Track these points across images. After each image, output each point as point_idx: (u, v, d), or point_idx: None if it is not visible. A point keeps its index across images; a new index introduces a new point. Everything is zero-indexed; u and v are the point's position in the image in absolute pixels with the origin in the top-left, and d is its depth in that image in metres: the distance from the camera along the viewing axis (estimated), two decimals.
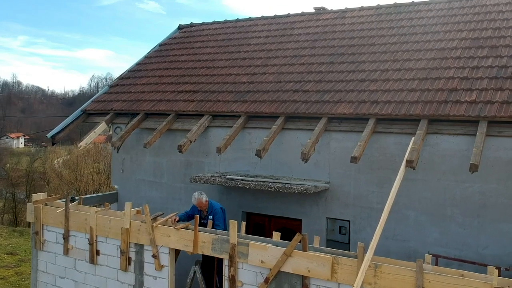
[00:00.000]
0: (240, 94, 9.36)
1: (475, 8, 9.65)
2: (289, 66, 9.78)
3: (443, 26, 9.35)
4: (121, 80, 11.61)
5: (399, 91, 7.88)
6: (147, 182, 10.10)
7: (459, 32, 8.98)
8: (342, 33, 10.35)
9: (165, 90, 10.42)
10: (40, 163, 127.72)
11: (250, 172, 8.80)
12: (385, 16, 10.46)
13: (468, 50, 8.36)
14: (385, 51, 9.16)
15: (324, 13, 11.64)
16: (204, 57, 11.37)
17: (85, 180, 26.52)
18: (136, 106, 10.16)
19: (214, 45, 11.89)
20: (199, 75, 10.58)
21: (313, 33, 10.81)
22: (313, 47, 10.23)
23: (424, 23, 9.67)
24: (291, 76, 9.40)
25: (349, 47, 9.74)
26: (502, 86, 7.21)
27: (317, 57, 9.79)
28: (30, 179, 33.14)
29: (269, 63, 10.17)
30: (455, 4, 10.03)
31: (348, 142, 7.85)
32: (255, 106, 8.83)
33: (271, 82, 9.40)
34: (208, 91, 9.82)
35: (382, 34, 9.77)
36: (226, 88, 9.71)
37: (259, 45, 11.07)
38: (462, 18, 9.41)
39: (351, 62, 9.19)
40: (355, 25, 10.49)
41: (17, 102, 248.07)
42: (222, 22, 13.05)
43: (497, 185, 6.81)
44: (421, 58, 8.57)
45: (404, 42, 9.26)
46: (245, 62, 10.55)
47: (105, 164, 28.09)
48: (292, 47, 10.49)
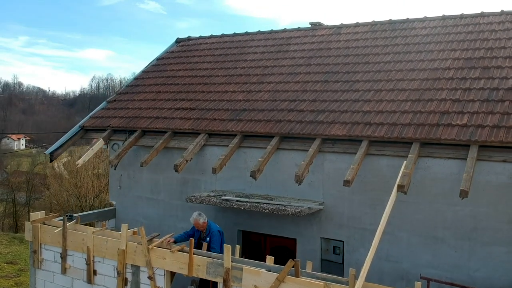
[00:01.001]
0: (236, 112, 9.46)
1: (468, 26, 9.75)
2: (285, 84, 9.88)
3: (437, 45, 9.45)
4: (119, 95, 11.72)
5: (392, 113, 7.97)
6: (144, 198, 10.20)
7: (452, 52, 9.08)
8: (337, 50, 10.45)
9: (162, 107, 10.52)
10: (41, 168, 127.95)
11: (245, 190, 8.90)
12: (380, 33, 10.56)
13: (460, 71, 8.46)
14: (379, 70, 9.26)
15: (319, 28, 11.74)
16: (201, 73, 11.47)
17: (85, 186, 26.61)
18: (133, 123, 10.27)
19: (211, 60, 11.99)
20: (196, 92, 10.69)
21: (308, 50, 10.91)
22: (308, 64, 10.33)
23: (418, 41, 9.76)
24: (286, 94, 9.50)
25: (344, 65, 9.83)
26: (493, 109, 7.31)
27: (312, 75, 9.89)
28: (31, 186, 33.17)
29: (265, 80, 10.27)
30: (449, 22, 10.13)
31: (342, 163, 7.95)
32: (250, 125, 8.93)
33: (266, 101, 9.50)
34: (205, 109, 9.92)
35: (376, 52, 9.86)
36: (222, 106, 9.81)
37: (255, 61, 11.17)
38: (456, 37, 9.51)
39: (345, 81, 9.29)
40: (350, 42, 10.59)
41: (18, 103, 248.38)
42: (219, 36, 13.15)
43: (488, 209, 6.91)
44: (414, 79, 8.66)
45: (398, 61, 9.35)
46: (242, 78, 10.64)
47: (104, 168, 28.19)
48: (287, 64, 10.59)
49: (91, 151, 10.41)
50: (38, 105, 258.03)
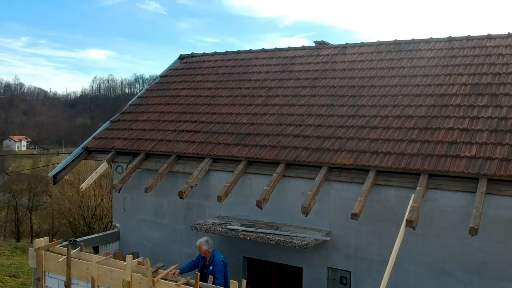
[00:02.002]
0: (241, 136, 9.39)
1: (475, 49, 9.67)
2: (290, 107, 9.81)
3: (443, 68, 9.37)
4: (123, 115, 11.65)
5: (399, 141, 7.90)
6: (148, 222, 10.14)
7: (459, 76, 9.00)
8: (343, 72, 10.37)
9: (166, 128, 10.46)
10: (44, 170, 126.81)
11: (250, 217, 8.83)
12: (385, 54, 10.48)
13: (468, 98, 8.38)
14: (385, 95, 9.18)
15: (324, 48, 11.67)
16: (205, 93, 11.40)
17: (87, 195, 26.57)
18: (137, 146, 10.20)
19: (215, 79, 11.92)
20: (200, 113, 10.62)
21: (313, 70, 10.84)
22: (313, 86, 10.25)
23: (424, 64, 9.69)
24: (292, 118, 9.43)
25: (349, 88, 9.76)
26: (502, 140, 7.23)
27: (317, 97, 9.81)
28: (33, 194, 33.11)
29: (269, 102, 10.20)
30: (455, 44, 10.05)
31: (349, 193, 7.88)
32: (255, 151, 8.86)
33: (271, 125, 9.44)
34: (209, 132, 9.85)
35: (382, 75, 9.79)
36: (226, 129, 9.74)
37: (260, 81, 11.10)
38: (462, 60, 9.43)
39: (351, 105, 9.22)
40: (355, 63, 10.51)
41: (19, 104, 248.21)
42: (223, 54, 13.09)
43: (497, 243, 6.83)
44: (421, 104, 8.59)
45: (405, 85, 9.28)
46: (246, 100, 10.57)
47: (107, 177, 28.16)
48: (292, 85, 10.52)
49: (95, 174, 10.34)
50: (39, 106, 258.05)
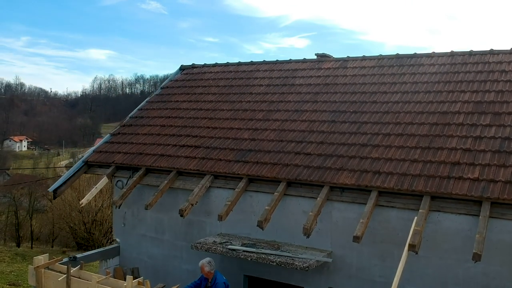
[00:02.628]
0: (242, 152, 9.33)
1: (477, 65, 9.60)
2: (291, 122, 9.75)
3: (446, 85, 9.31)
4: (123, 127, 11.59)
5: (401, 161, 7.84)
6: (148, 237, 10.08)
7: (461, 94, 8.94)
8: (344, 87, 10.31)
9: (166, 143, 10.40)
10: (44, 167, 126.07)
11: (251, 235, 8.77)
12: (387, 69, 10.42)
13: (471, 116, 8.32)
14: (387, 111, 9.12)
15: (326, 61, 11.60)
16: (206, 106, 11.35)
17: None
18: (137, 160, 10.15)
19: (215, 91, 11.86)
20: (201, 127, 10.56)
21: (314, 84, 10.78)
22: (314, 101, 10.19)
23: (426, 80, 9.62)
24: (293, 134, 9.37)
25: (351, 103, 9.70)
26: (505, 162, 7.17)
27: (318, 113, 9.75)
28: (33, 200, 33.05)
29: (270, 117, 10.14)
30: (457, 59, 9.98)
31: (350, 213, 7.83)
32: (256, 168, 8.80)
33: (272, 141, 9.37)
34: (210, 147, 9.79)
35: (384, 91, 9.73)
36: (227, 145, 9.68)
37: (261, 95, 11.04)
38: (465, 77, 9.36)
39: (353, 122, 9.16)
40: (357, 78, 10.45)
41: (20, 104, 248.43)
42: (224, 65, 13.03)
43: (501, 268, 6.77)
44: (423, 122, 8.52)
45: (407, 101, 9.22)
46: (247, 114, 10.52)
47: None
48: (293, 100, 10.45)
49: (95, 190, 10.29)
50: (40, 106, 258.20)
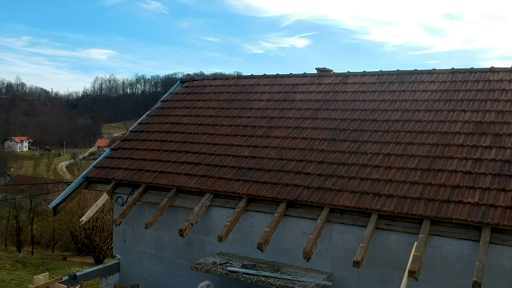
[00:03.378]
0: (242, 171, 9.32)
1: (478, 83, 9.58)
2: (291, 140, 9.74)
3: (446, 103, 9.30)
4: (123, 142, 11.59)
5: (401, 183, 7.83)
6: (148, 255, 10.08)
7: (462, 113, 8.93)
8: (344, 103, 10.30)
9: (166, 159, 10.39)
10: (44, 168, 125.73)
11: (251, 255, 8.77)
12: (387, 86, 10.40)
13: (471, 137, 8.31)
14: (388, 130, 9.12)
15: (326, 76, 11.59)
16: (206, 121, 11.34)
17: (88, 206, 26.51)
18: (137, 177, 10.14)
19: (216, 105, 11.86)
20: (201, 143, 10.55)
21: (315, 100, 10.77)
22: (315, 117, 10.18)
23: (427, 98, 9.61)
24: (293, 153, 9.36)
25: (351, 121, 9.69)
26: (505, 186, 7.16)
27: (319, 131, 9.74)
28: (33, 206, 33.05)
29: (270, 134, 10.13)
30: (458, 76, 9.97)
31: (351, 235, 7.83)
32: (256, 188, 8.79)
33: (273, 159, 9.37)
34: (210, 164, 9.79)
35: (384, 108, 9.71)
36: (227, 163, 9.68)
37: (261, 110, 11.03)
38: (466, 95, 9.35)
39: (353, 140, 9.15)
40: (357, 94, 10.44)
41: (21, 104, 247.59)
42: (224, 78, 13.04)
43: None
44: (423, 143, 8.52)
45: (407, 120, 9.21)
46: (247, 130, 10.51)
47: None
48: (294, 116, 10.45)
49: (95, 207, 10.30)
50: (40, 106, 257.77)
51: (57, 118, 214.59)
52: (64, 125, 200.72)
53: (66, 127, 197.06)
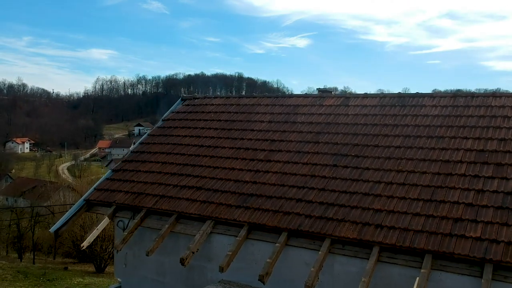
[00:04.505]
0: (243, 197, 9.30)
1: (480, 109, 9.56)
2: (292, 165, 9.72)
3: (448, 130, 9.27)
4: (124, 163, 11.58)
5: (403, 214, 7.81)
6: (149, 279, 10.07)
7: (464, 140, 8.90)
8: (346, 127, 10.28)
9: (168, 182, 10.38)
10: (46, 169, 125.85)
11: (253, 283, 8.72)
12: (389, 109, 10.38)
13: (473, 166, 8.28)
14: (389, 157, 9.09)
15: (327, 97, 11.57)
16: (207, 142, 11.33)
17: (89, 215, 26.54)
18: (138, 201, 10.13)
19: (217, 126, 11.84)
20: (202, 166, 10.54)
21: (316, 123, 10.75)
22: (316, 141, 10.16)
23: (429, 123, 9.59)
24: (295, 179, 9.34)
25: (353, 146, 9.67)
26: (508, 220, 7.14)
27: (320, 155, 9.72)
28: (35, 214, 33.09)
29: (272, 157, 10.11)
30: (460, 101, 9.95)
31: (352, 267, 7.80)
32: (258, 215, 8.78)
33: (274, 185, 9.35)
34: (211, 189, 9.77)
35: (386, 133, 9.69)
36: (229, 187, 9.66)
37: (262, 133, 11.02)
38: (467, 121, 9.32)
39: (354, 167, 9.13)
40: (359, 117, 10.41)
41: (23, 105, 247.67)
42: (225, 97, 13.02)
43: None
44: (425, 171, 8.49)
45: (409, 146, 9.18)
46: (248, 153, 10.49)
47: None
48: (295, 139, 10.42)
49: (96, 231, 10.27)
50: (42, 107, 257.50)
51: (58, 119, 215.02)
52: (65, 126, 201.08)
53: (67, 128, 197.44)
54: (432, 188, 8.12)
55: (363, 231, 7.77)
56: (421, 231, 7.43)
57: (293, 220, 8.41)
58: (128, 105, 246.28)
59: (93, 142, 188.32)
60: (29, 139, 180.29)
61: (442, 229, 7.33)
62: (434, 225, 7.43)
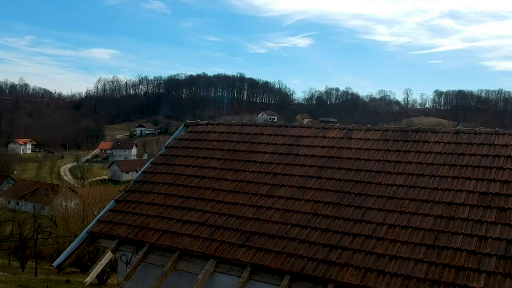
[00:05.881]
0: (246, 235, 9.33)
1: (483, 147, 9.57)
2: (295, 202, 9.74)
3: (451, 169, 9.28)
4: (127, 194, 11.61)
5: (406, 260, 7.83)
6: None
7: (467, 181, 8.91)
8: (349, 162, 10.29)
9: (170, 216, 10.41)
10: (48, 171, 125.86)
11: None
12: (391, 144, 10.39)
13: (476, 210, 8.29)
14: (392, 196, 9.11)
15: (330, 129, 11.57)
16: (210, 173, 11.35)
17: None
18: (141, 235, 10.17)
19: (220, 156, 11.86)
20: (205, 200, 10.56)
21: (319, 156, 10.76)
22: (319, 176, 10.18)
23: (431, 161, 9.60)
24: (297, 217, 9.35)
25: (356, 183, 9.68)
26: (510, 270, 7.14)
27: (323, 192, 9.74)
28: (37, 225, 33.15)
29: (275, 193, 10.13)
30: (463, 138, 9.95)
31: None
32: (261, 256, 8.80)
33: (277, 223, 9.37)
34: (214, 225, 9.80)
35: (388, 171, 9.71)
36: (231, 224, 9.69)
37: (265, 165, 11.03)
38: (470, 161, 9.33)
39: (357, 206, 9.14)
40: (361, 152, 10.43)
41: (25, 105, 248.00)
42: (228, 125, 13.04)
43: None
44: (428, 214, 8.50)
45: (411, 186, 9.20)
46: (251, 187, 10.51)
47: None
48: (298, 174, 10.44)
49: (100, 266, 10.31)
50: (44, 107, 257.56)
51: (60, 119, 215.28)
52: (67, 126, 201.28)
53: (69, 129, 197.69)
54: (435, 233, 8.13)
55: (366, 277, 7.79)
56: (424, 279, 7.44)
57: (296, 262, 8.44)
58: (129, 105, 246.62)
59: (95, 143, 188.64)
60: (31, 140, 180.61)
61: (445, 278, 7.34)
62: (437, 273, 7.45)
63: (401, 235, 8.29)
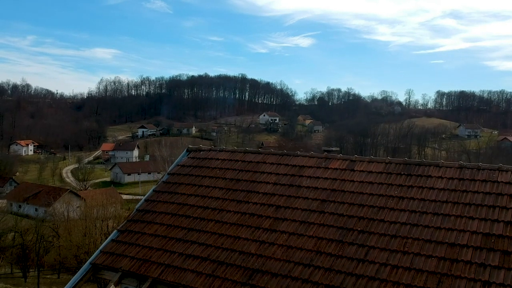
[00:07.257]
0: (248, 272, 9.33)
1: (486, 184, 9.54)
2: (298, 238, 9.73)
3: (454, 207, 9.27)
4: (130, 223, 11.62)
5: None
6: None
7: (470, 221, 8.90)
8: (351, 196, 10.28)
9: (173, 249, 10.41)
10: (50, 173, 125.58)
11: None
12: (394, 178, 10.37)
13: (479, 253, 8.28)
14: (395, 235, 9.10)
15: (332, 159, 11.56)
16: (213, 204, 11.34)
17: (93, 242, 26.63)
18: (144, 269, 10.18)
19: (222, 185, 11.85)
20: (208, 233, 10.56)
21: (321, 189, 10.74)
22: (322, 211, 10.17)
23: (434, 198, 9.58)
24: (300, 254, 9.35)
25: (358, 220, 9.68)
26: None
27: (326, 228, 9.73)
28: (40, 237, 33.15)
29: (277, 227, 10.13)
30: (466, 173, 9.93)
31: None
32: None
33: (279, 260, 9.37)
34: (217, 261, 9.80)
35: (391, 207, 9.69)
36: (234, 260, 9.68)
37: (268, 197, 11.02)
38: (473, 198, 9.31)
39: (360, 244, 9.14)
40: (364, 186, 10.42)
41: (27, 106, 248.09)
42: (230, 151, 13.03)
43: None
44: (431, 255, 8.49)
45: (415, 224, 9.19)
46: (253, 220, 10.51)
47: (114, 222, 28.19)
48: (301, 207, 10.43)
49: None
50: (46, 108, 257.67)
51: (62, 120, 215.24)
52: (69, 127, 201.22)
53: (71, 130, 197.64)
54: (438, 276, 8.12)
55: None
56: None
57: None
58: (131, 106, 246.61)
59: (97, 144, 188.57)
60: (33, 142, 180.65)
61: None
62: None
63: (404, 277, 8.27)
